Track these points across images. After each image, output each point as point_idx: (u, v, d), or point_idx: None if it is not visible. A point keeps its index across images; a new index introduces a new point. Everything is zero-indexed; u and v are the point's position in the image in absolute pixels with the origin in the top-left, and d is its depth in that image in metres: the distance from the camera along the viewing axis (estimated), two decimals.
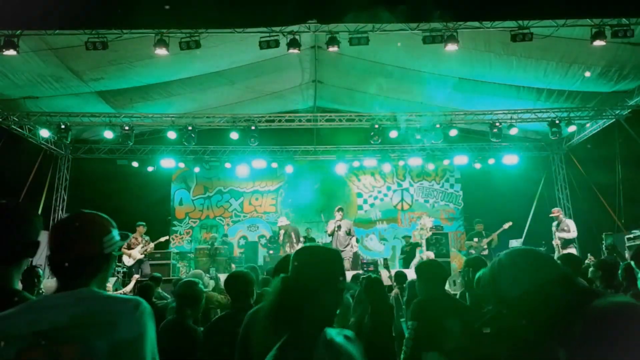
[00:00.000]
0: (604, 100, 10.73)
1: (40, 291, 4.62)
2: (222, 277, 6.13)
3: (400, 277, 6.56)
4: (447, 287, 4.95)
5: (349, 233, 10.52)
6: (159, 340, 1.53)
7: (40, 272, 4.84)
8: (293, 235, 10.95)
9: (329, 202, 14.32)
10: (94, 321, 1.41)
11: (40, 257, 12.10)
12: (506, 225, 10.67)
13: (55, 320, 1.39)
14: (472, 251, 10.60)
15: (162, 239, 10.85)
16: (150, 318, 1.48)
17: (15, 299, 1.52)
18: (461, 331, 2.82)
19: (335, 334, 1.68)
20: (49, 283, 6.38)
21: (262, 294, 3.56)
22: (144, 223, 10.31)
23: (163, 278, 7.43)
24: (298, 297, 1.59)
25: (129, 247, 9.88)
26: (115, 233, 1.60)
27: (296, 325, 1.59)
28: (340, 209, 10.74)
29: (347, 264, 9.82)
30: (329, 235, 10.64)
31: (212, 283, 6.81)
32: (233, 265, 11.30)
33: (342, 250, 9.94)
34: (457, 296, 4.78)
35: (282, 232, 11.23)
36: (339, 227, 10.41)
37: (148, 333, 1.47)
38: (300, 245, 10.18)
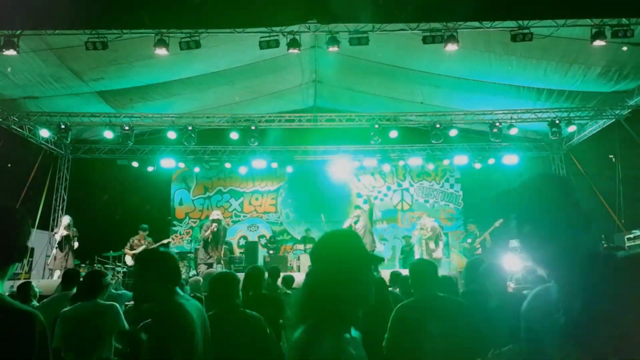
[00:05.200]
0: (604, 100, 10.72)
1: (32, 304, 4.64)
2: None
3: (396, 277, 6.39)
4: None
5: None
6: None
7: (36, 288, 4.93)
8: (221, 236, 9.98)
9: (328, 202, 14.34)
10: None
11: (40, 258, 12.07)
12: (497, 223, 10.63)
13: None
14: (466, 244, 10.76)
15: (165, 241, 11.22)
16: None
17: None
18: (443, 335, 2.62)
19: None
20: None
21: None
22: (146, 226, 10.74)
23: None
24: (323, 287, 1.53)
25: (132, 249, 10.39)
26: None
27: (322, 316, 1.52)
28: (358, 207, 10.86)
29: None
30: None
31: None
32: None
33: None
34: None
35: (213, 225, 9.63)
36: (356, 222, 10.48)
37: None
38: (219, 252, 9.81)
